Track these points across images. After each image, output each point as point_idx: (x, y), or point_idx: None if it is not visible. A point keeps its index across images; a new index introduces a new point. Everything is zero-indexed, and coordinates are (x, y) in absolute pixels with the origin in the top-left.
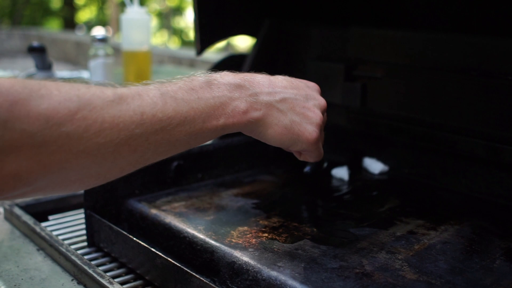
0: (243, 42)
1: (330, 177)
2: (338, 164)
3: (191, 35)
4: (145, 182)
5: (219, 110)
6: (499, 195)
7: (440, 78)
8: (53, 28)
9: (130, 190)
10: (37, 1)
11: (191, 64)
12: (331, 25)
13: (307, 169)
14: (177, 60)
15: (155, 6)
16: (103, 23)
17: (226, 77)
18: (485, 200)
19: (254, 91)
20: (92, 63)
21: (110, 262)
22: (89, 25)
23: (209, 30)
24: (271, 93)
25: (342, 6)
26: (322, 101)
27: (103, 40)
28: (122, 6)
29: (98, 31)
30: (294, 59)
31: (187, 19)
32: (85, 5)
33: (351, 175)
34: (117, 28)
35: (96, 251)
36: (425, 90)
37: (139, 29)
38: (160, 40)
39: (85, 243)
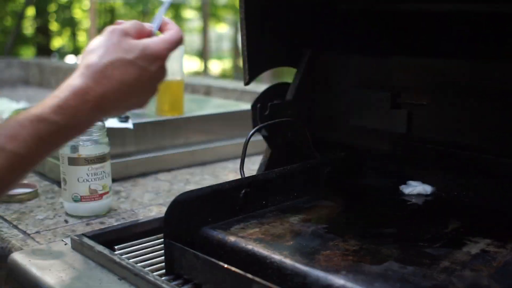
0: None
1: (381, 200)
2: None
3: None
4: (216, 210)
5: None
6: None
7: (485, 103)
8: (27, 55)
9: (203, 218)
10: (11, 28)
11: (207, 91)
12: (370, 55)
13: None
14: (193, 88)
15: None
16: (76, 50)
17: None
18: None
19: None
20: None
21: None
22: (61, 52)
23: (255, 63)
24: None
25: (379, 37)
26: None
27: None
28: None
29: (71, 58)
30: (335, 88)
31: None
32: (59, 32)
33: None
34: None
35: (174, 279)
36: (470, 115)
37: (173, 59)
38: None
39: (160, 271)
